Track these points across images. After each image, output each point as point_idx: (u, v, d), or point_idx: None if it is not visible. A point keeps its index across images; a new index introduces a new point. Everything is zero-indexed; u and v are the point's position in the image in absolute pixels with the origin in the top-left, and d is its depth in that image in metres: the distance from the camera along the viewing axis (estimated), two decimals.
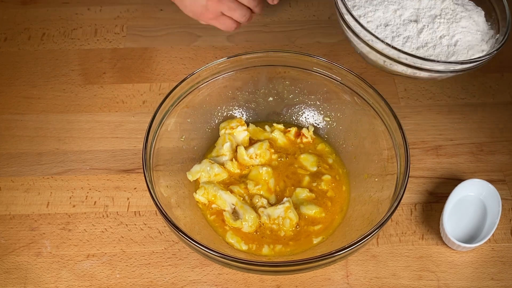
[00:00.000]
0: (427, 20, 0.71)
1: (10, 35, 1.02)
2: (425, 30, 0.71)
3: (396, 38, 0.70)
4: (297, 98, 0.85)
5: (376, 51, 0.69)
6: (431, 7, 0.72)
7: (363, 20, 0.71)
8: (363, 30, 0.68)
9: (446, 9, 0.72)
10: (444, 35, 0.70)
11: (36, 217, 0.79)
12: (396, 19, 0.71)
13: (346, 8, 0.68)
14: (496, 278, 0.73)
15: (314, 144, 0.83)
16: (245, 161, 0.80)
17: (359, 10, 0.72)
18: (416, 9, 0.72)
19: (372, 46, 0.69)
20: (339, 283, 0.73)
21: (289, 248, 0.73)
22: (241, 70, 0.82)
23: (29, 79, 0.95)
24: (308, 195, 0.77)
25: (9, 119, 0.90)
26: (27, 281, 0.73)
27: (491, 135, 0.87)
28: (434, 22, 0.71)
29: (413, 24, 0.71)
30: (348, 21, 0.69)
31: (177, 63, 0.97)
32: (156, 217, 0.79)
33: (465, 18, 0.71)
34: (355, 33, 0.69)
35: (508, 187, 0.82)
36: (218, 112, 0.84)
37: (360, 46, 0.71)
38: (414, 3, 0.72)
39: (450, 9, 0.72)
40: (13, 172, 0.83)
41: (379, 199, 0.73)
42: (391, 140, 0.74)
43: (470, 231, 0.76)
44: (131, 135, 0.88)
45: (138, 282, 0.73)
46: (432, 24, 0.71)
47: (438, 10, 0.72)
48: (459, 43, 0.70)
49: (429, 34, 0.70)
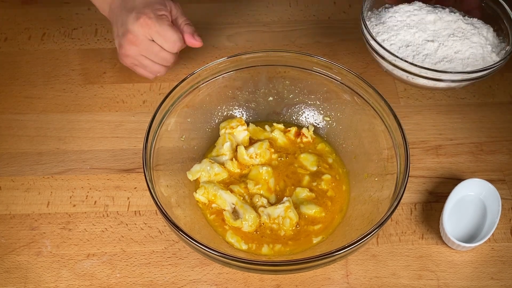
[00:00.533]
0: (443, 39, 0.81)
1: (11, 35, 1.02)
2: (441, 47, 0.80)
3: (417, 56, 0.80)
4: (297, 98, 0.85)
5: (399, 68, 0.79)
6: (445, 28, 0.82)
7: (387, 43, 0.82)
8: (387, 52, 0.79)
9: (458, 29, 0.82)
10: (459, 50, 0.80)
11: (36, 217, 0.79)
12: (416, 40, 0.81)
13: (370, 35, 0.79)
14: (496, 277, 0.73)
15: (314, 143, 0.83)
16: (245, 161, 0.80)
17: (383, 35, 0.83)
18: (433, 31, 0.82)
19: (396, 64, 0.79)
20: (339, 282, 0.73)
21: (289, 247, 0.73)
22: (241, 70, 0.82)
23: (30, 79, 0.95)
24: (308, 195, 0.77)
25: (10, 118, 0.90)
26: (28, 281, 0.73)
27: (491, 135, 0.87)
28: (449, 40, 0.81)
29: (431, 43, 0.81)
30: (373, 46, 0.80)
31: (177, 63, 0.97)
32: (156, 216, 0.79)
33: (475, 34, 0.81)
34: (381, 55, 0.80)
35: (508, 186, 0.82)
36: (218, 112, 0.84)
37: (385, 65, 0.82)
38: (430, 26, 0.82)
39: (462, 28, 0.82)
40: (14, 172, 0.83)
41: (379, 198, 0.73)
42: (391, 140, 0.74)
43: (470, 230, 0.76)
44: (131, 135, 0.88)
45: (138, 281, 0.73)
46: (447, 42, 0.81)
47: (451, 30, 0.82)
48: (472, 56, 0.80)
49: (445, 50, 0.80)
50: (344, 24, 1.04)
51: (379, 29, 0.83)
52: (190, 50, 0.99)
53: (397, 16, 0.84)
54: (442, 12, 0.83)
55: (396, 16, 0.84)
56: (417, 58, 0.80)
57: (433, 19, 0.83)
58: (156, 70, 0.88)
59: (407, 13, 0.84)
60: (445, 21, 0.82)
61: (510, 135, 0.88)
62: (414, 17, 0.83)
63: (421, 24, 0.82)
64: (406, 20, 0.83)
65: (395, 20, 0.83)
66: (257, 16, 1.05)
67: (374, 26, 0.84)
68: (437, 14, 0.83)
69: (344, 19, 1.05)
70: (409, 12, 0.84)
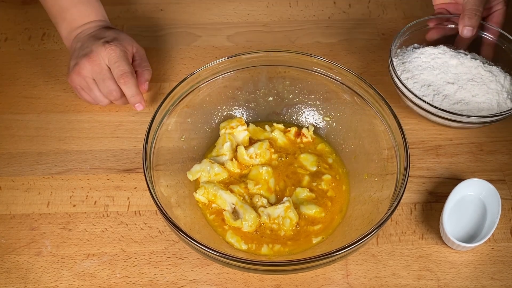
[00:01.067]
0: (462, 82, 0.86)
1: (11, 35, 1.02)
2: (460, 90, 0.85)
3: (437, 96, 0.85)
4: (297, 98, 0.85)
5: (419, 107, 0.84)
6: (466, 72, 0.87)
7: (411, 81, 0.87)
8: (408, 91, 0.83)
9: (478, 74, 0.87)
10: (476, 94, 0.85)
11: (36, 217, 0.79)
12: (438, 81, 0.87)
13: (395, 74, 0.85)
14: (495, 277, 0.73)
15: (314, 144, 0.83)
16: (245, 161, 0.80)
17: (408, 73, 0.88)
18: (454, 74, 0.87)
19: (415, 102, 0.84)
20: (339, 282, 0.73)
21: (289, 247, 0.73)
22: (241, 70, 0.82)
23: (30, 79, 0.95)
24: (308, 195, 0.77)
25: (10, 118, 0.90)
26: (28, 281, 0.73)
27: (491, 135, 0.87)
28: (468, 84, 0.86)
29: (451, 85, 0.86)
30: (397, 83, 0.85)
31: (177, 63, 0.97)
32: (156, 216, 0.79)
33: (492, 81, 0.86)
34: (403, 93, 0.85)
35: (508, 186, 0.82)
36: (218, 112, 0.84)
37: (406, 101, 0.86)
38: (452, 69, 0.88)
39: (481, 74, 0.87)
40: (14, 172, 0.83)
41: (379, 198, 0.73)
42: (391, 140, 0.74)
43: (470, 230, 0.76)
44: (131, 135, 0.88)
45: (138, 281, 0.73)
46: (466, 86, 0.86)
47: (471, 75, 0.87)
48: (487, 101, 0.84)
49: (463, 93, 0.85)
50: (344, 24, 1.04)
51: (405, 67, 0.89)
52: (190, 50, 0.99)
53: (422, 57, 0.89)
54: (464, 58, 0.88)
55: (421, 57, 0.89)
56: (437, 98, 0.85)
57: (455, 63, 0.88)
58: (99, 99, 0.88)
59: (432, 55, 0.89)
60: (466, 66, 0.88)
61: (510, 135, 0.88)
62: (438, 59, 0.88)
63: (444, 66, 0.88)
64: (430, 62, 0.88)
65: (420, 60, 0.89)
66: (257, 16, 1.05)
67: (401, 64, 0.90)
68: (459, 59, 0.88)
69: (344, 19, 1.05)
70: (434, 54, 0.89)
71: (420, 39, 0.93)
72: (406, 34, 0.91)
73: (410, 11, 1.06)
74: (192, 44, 1.00)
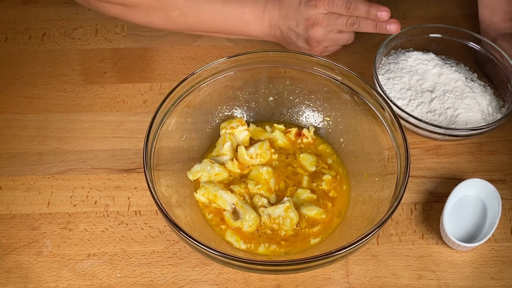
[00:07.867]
0: (440, 92, 0.86)
1: (11, 35, 1.02)
2: (436, 99, 0.86)
3: (413, 101, 0.86)
4: (298, 98, 0.85)
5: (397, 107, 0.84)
6: (446, 83, 0.87)
7: (391, 82, 0.88)
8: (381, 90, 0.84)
9: (457, 88, 0.87)
10: (450, 107, 0.85)
11: (36, 217, 0.79)
12: (417, 87, 0.87)
13: (375, 74, 0.85)
14: (496, 277, 0.73)
15: (314, 144, 0.83)
16: (245, 161, 0.80)
17: (391, 74, 0.89)
18: (434, 83, 0.87)
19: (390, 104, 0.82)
20: (339, 282, 0.73)
21: (289, 247, 0.73)
22: (242, 70, 0.82)
23: (30, 78, 0.95)
24: (309, 196, 0.77)
25: (10, 118, 0.90)
26: (28, 281, 0.73)
27: (491, 135, 0.87)
28: (445, 95, 0.86)
29: (428, 93, 0.86)
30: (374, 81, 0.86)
31: (177, 63, 0.97)
32: (156, 216, 0.79)
33: (469, 97, 0.85)
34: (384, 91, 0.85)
35: (508, 186, 0.82)
36: (218, 112, 0.84)
37: None
38: (434, 78, 0.88)
39: (460, 88, 0.86)
40: (14, 172, 0.83)
41: (379, 198, 0.73)
42: (391, 140, 0.75)
43: (470, 230, 0.76)
44: (131, 135, 0.88)
45: (138, 281, 0.73)
46: (442, 97, 0.86)
47: (451, 87, 0.87)
48: (459, 116, 0.84)
49: (438, 103, 0.85)
50: None
51: (389, 68, 0.90)
52: (190, 50, 0.99)
53: (409, 60, 0.90)
54: (448, 69, 0.88)
55: (408, 60, 0.90)
56: (412, 103, 0.85)
57: (437, 72, 0.88)
58: (346, 38, 0.90)
59: (418, 60, 0.90)
60: (448, 78, 0.88)
61: (510, 135, 0.88)
62: (422, 65, 0.89)
63: (425, 74, 0.88)
64: (415, 67, 0.89)
65: (405, 63, 0.90)
66: None
67: (388, 64, 0.91)
68: (442, 69, 0.88)
69: None
70: (420, 60, 0.90)
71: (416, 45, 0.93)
72: (403, 37, 0.92)
73: (410, 11, 1.06)
74: (193, 44, 1.00)
